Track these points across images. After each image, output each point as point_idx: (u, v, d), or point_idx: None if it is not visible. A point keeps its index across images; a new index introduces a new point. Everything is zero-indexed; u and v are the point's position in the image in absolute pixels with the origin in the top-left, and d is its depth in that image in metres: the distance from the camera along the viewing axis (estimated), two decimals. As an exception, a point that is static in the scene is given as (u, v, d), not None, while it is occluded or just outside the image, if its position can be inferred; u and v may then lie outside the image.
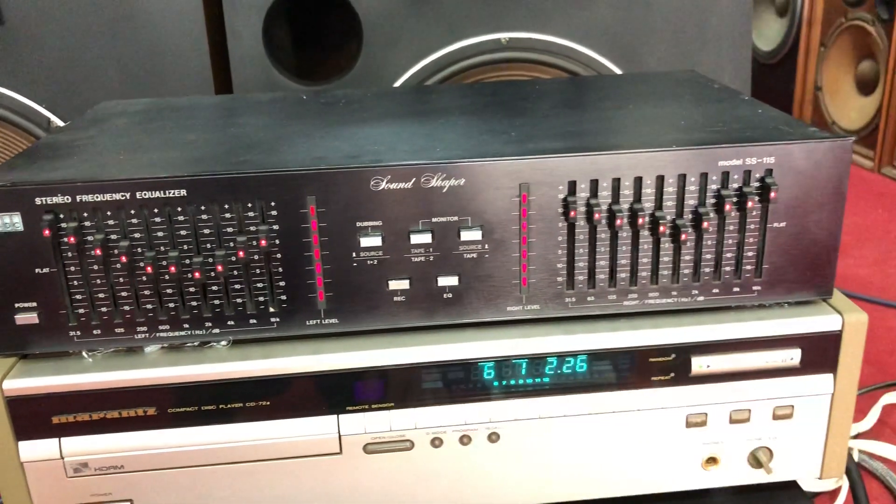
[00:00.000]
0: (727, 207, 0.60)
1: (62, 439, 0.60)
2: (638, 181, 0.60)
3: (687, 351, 0.62)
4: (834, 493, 1.01)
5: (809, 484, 1.00)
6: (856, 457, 1.06)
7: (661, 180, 0.60)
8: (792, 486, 0.70)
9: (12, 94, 1.03)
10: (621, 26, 1.11)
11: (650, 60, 1.14)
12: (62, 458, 0.61)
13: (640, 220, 0.60)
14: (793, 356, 0.63)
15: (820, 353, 0.64)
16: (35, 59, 1.02)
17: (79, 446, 0.61)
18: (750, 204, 0.60)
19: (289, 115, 0.75)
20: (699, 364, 0.63)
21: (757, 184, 0.61)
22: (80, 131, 0.72)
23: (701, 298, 0.64)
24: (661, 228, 0.60)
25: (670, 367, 0.63)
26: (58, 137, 0.70)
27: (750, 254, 0.63)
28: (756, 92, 2.65)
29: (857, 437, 1.11)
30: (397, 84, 1.09)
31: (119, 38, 1.04)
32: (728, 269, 0.63)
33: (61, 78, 1.03)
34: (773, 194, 0.60)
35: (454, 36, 1.10)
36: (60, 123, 1.03)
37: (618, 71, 1.11)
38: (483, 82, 1.06)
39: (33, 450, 0.60)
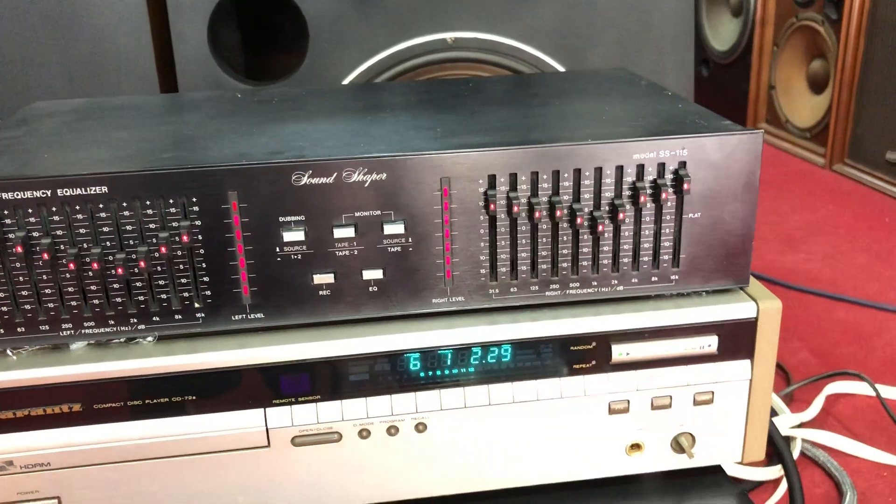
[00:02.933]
0: (642, 199, 0.62)
1: (-14, 437, 0.60)
2: (556, 174, 0.62)
3: (607, 339, 0.64)
4: (777, 481, 1.04)
5: (753, 474, 1.03)
6: (799, 445, 1.09)
7: (577, 173, 0.62)
8: (716, 470, 0.72)
9: (-47, 95, 1.02)
10: (566, 26, 1.13)
11: (595, 60, 1.16)
12: (-13, 456, 0.61)
13: (559, 213, 0.62)
14: (710, 343, 0.65)
15: (736, 340, 0.66)
16: (-25, 60, 1.01)
17: (3, 444, 0.61)
18: (664, 196, 0.62)
19: (220, 113, 0.76)
20: (619, 352, 0.64)
21: (671, 176, 0.63)
22: (6, 131, 0.72)
23: (620, 288, 0.65)
24: (579, 220, 0.62)
25: (591, 355, 0.65)
26: (-15, 137, 0.70)
27: (667, 244, 0.65)
28: (712, 91, 2.69)
29: (800, 426, 1.14)
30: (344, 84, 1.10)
31: (61, 39, 1.03)
32: (646, 259, 0.65)
33: (4, 78, 1.03)
34: (686, 186, 0.62)
35: (400, 36, 1.11)
36: (2, 125, 1.02)
37: (563, 70, 1.13)
38: (418, 80, 1.07)
39: (-43, 448, 0.60)
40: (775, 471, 1.04)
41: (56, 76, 1.04)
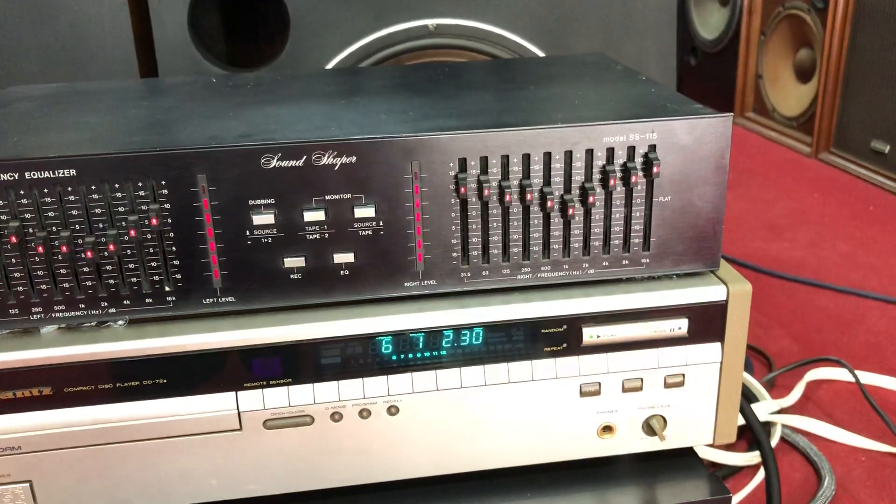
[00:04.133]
0: (612, 183, 0.62)
1: (-44, 421, 0.60)
2: (526, 158, 0.62)
3: (577, 322, 0.64)
4: (757, 467, 1.05)
5: (732, 459, 1.04)
6: (779, 431, 1.10)
7: (548, 157, 0.62)
8: (688, 452, 0.73)
9: (-71, 80, 1.01)
10: (548, 12, 1.13)
11: (577, 47, 1.16)
12: (-43, 440, 0.61)
13: (529, 196, 0.62)
14: (680, 326, 0.65)
15: (707, 323, 0.66)
16: (-48, 45, 1.01)
17: (-26, 428, 0.61)
18: (634, 179, 0.62)
19: (193, 98, 0.76)
20: (590, 334, 0.65)
21: (641, 159, 0.63)
22: (-21, 115, 0.72)
23: (592, 271, 0.66)
24: (549, 204, 0.62)
25: (562, 337, 0.65)
26: (-44, 121, 0.69)
27: (637, 227, 0.65)
28: (700, 80, 2.69)
29: (781, 412, 1.15)
30: (323, 70, 1.09)
31: (40, 24, 1.03)
32: (617, 242, 0.65)
33: (-20, 65, 1.02)
34: (655, 169, 0.62)
35: (382, 22, 1.11)
36: (-20, 112, 1.01)
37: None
38: (395, 66, 1.07)
39: (-73, 432, 0.60)
40: (754, 456, 1.05)
41: (34, 61, 1.03)
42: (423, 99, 0.72)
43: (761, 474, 1.02)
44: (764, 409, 1.13)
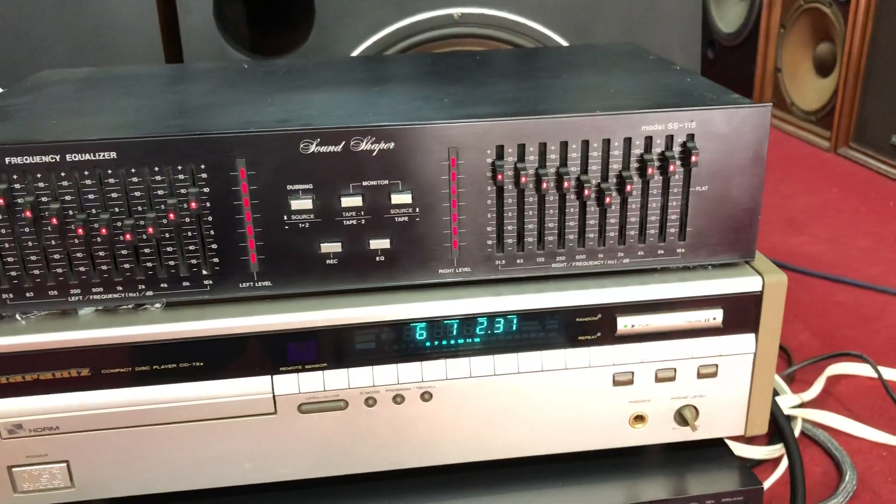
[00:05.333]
0: (650, 171, 0.62)
1: (-4, 401, 0.61)
2: (564, 146, 0.62)
3: (612, 311, 0.64)
4: (778, 460, 1.04)
5: (752, 452, 1.04)
6: (800, 425, 1.10)
7: (585, 145, 0.62)
8: (718, 443, 0.73)
9: (-42, 66, 1.02)
10: (572, 2, 1.13)
11: (601, 37, 1.15)
12: (-4, 419, 0.61)
13: (566, 184, 0.62)
14: (715, 316, 0.65)
15: (741, 314, 0.66)
16: (-19, 30, 1.01)
17: (13, 407, 0.61)
18: (672, 168, 0.62)
19: (227, 84, 0.76)
20: (624, 323, 0.65)
21: (679, 148, 0.63)
22: (15, 98, 0.72)
23: (627, 261, 0.65)
24: (586, 192, 0.62)
25: (596, 326, 0.65)
26: (-8, 104, 0.70)
27: (673, 217, 0.65)
28: (717, 73, 2.69)
29: (801, 406, 1.15)
30: (348, 58, 1.09)
31: (67, 10, 1.03)
32: (652, 231, 0.65)
33: (8, 51, 1.02)
34: (694, 158, 0.62)
35: (406, 11, 1.10)
36: (8, 96, 1.02)
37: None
38: (425, 53, 1.07)
39: (-34, 411, 0.61)
40: (775, 450, 1.05)
41: (61, 47, 1.03)
42: (457, 86, 0.72)
43: (781, 468, 1.02)
44: (784, 403, 1.13)
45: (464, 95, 0.69)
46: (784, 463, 1.02)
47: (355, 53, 1.10)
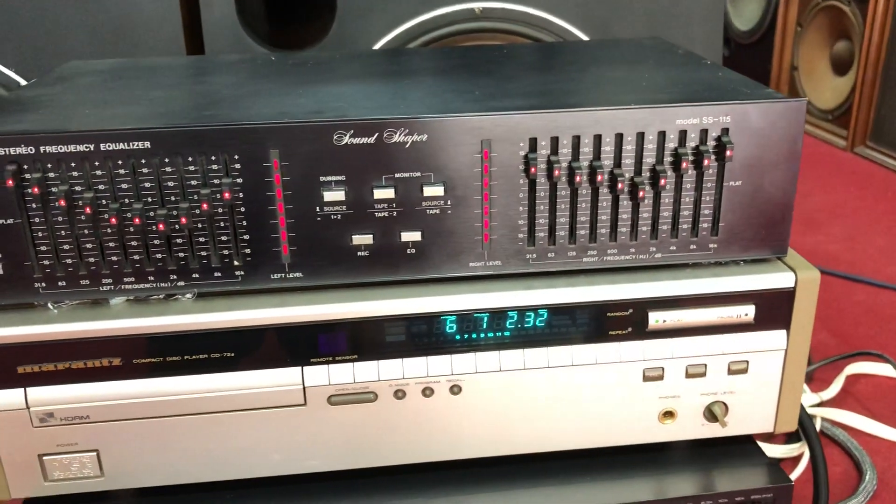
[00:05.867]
0: (684, 165, 0.62)
1: (28, 389, 0.61)
2: (597, 139, 0.61)
3: (644, 306, 0.64)
4: (797, 459, 1.04)
5: (771, 451, 1.03)
6: (818, 424, 1.09)
7: (619, 138, 0.62)
8: (746, 440, 0.72)
9: (-19, 57, 1.02)
10: (595, -3, 1.12)
11: (622, 32, 1.15)
12: (28, 407, 0.61)
13: (600, 178, 0.61)
14: (747, 312, 0.65)
15: (773, 310, 0.65)
16: (4, 21, 1.01)
17: (44, 396, 0.61)
18: (706, 162, 0.62)
19: (256, 75, 0.76)
20: (655, 319, 0.64)
21: (713, 143, 0.62)
22: (45, 88, 0.72)
23: (658, 255, 0.65)
24: (620, 186, 0.62)
25: (628, 321, 0.64)
26: (22, 93, 0.70)
27: (706, 212, 0.64)
28: (733, 71, 2.64)
29: (820, 405, 1.14)
30: (370, 51, 1.09)
31: (90, 2, 1.03)
32: (685, 226, 0.64)
33: (31, 41, 1.02)
34: (728, 153, 0.62)
35: (428, 5, 1.10)
36: (30, 87, 1.02)
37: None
38: (452, 46, 1.07)
39: (-1, 399, 0.61)
40: (794, 448, 1.04)
41: (84, 39, 1.03)
42: (487, 79, 0.72)
43: (800, 467, 1.02)
44: (804, 401, 1.12)
45: (494, 88, 0.69)
46: (802, 462, 1.02)
47: (377, 47, 1.10)
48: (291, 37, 1.26)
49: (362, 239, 0.62)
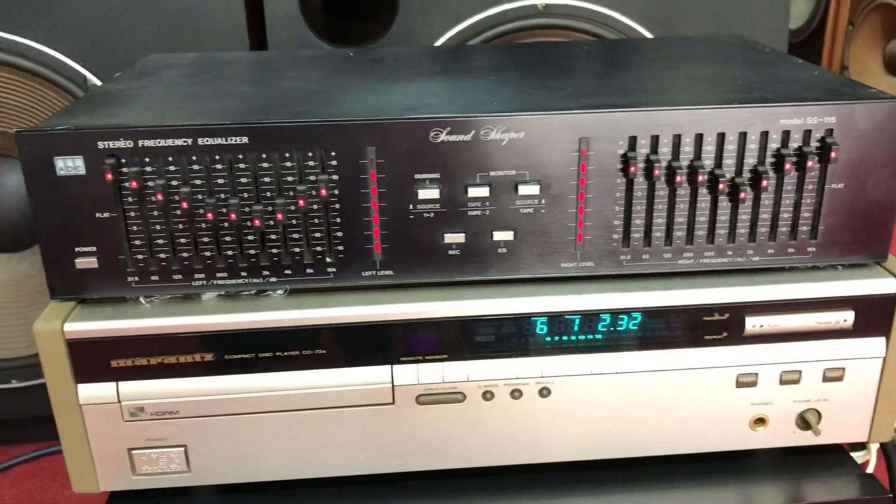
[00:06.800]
0: (787, 167, 0.60)
1: (120, 383, 0.61)
2: (699, 138, 0.60)
3: (741, 310, 0.63)
4: (862, 466, 1.01)
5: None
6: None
7: (721, 138, 0.60)
8: (836, 449, 0.70)
9: (49, 50, 1.02)
10: (658, -6, 1.10)
11: (687, 30, 1.13)
12: (119, 401, 0.61)
13: (700, 178, 0.60)
14: (846, 318, 0.63)
15: (873, 316, 0.64)
16: (71, 15, 1.01)
17: (136, 390, 0.61)
18: (810, 164, 0.60)
19: (338, 71, 0.75)
20: (752, 323, 0.63)
21: (817, 144, 0.60)
22: (131, 81, 0.72)
23: (756, 259, 0.63)
24: (721, 186, 0.60)
25: (723, 326, 0.63)
26: (110, 87, 0.70)
27: (806, 214, 0.62)
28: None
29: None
30: (435, 48, 1.08)
31: (153, -4, 1.03)
32: (784, 229, 0.63)
33: (96, 35, 1.03)
34: (833, 154, 0.60)
35: (491, 1, 1.09)
36: (96, 81, 1.02)
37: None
38: (528, 43, 1.06)
39: (91, 393, 0.61)
40: (858, 456, 1.02)
41: (148, 32, 1.03)
42: (575, 76, 0.71)
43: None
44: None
45: (587, 85, 0.67)
46: (867, 471, 0.99)
47: (438, 44, 1.09)
48: (349, 32, 1.26)
49: (454, 237, 0.62)
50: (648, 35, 1.11)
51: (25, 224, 1.11)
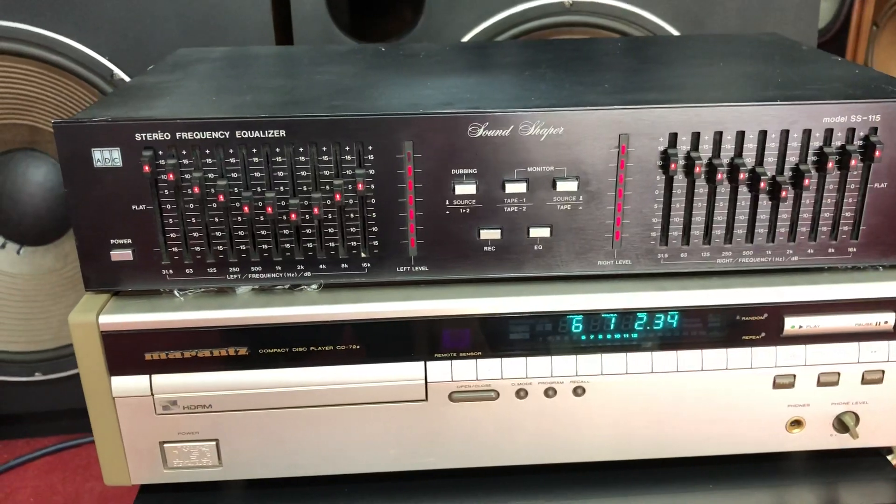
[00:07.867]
0: (829, 165, 0.59)
1: (153, 376, 0.61)
2: (740, 135, 0.59)
3: (780, 310, 0.62)
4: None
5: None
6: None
7: (763, 135, 0.59)
8: (872, 453, 0.69)
9: (76, 44, 1.02)
10: (686, -8, 1.09)
11: (715, 27, 1.12)
12: (152, 394, 0.61)
13: (741, 176, 0.59)
14: (886, 319, 0.62)
15: (914, 318, 0.63)
16: (98, 10, 1.02)
17: (169, 383, 0.61)
18: (853, 162, 0.59)
19: (371, 66, 0.75)
20: (792, 324, 0.62)
21: (860, 142, 0.59)
22: (165, 74, 0.72)
23: (795, 258, 0.63)
24: (762, 184, 0.59)
25: (762, 326, 0.62)
26: (145, 80, 0.70)
27: (848, 214, 0.62)
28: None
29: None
30: (461, 44, 1.07)
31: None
32: (825, 229, 0.62)
33: (123, 29, 1.03)
34: (877, 153, 0.59)
35: (516, -3, 1.08)
36: (123, 75, 1.02)
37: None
38: (562, 39, 1.05)
39: (125, 385, 0.61)
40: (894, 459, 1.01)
41: (174, 27, 1.04)
42: (612, 72, 0.70)
43: None
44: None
45: (623, 81, 0.67)
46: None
47: (465, 39, 1.09)
48: (373, 30, 1.26)
49: (490, 234, 0.61)
50: (676, 33, 1.10)
51: (50, 218, 1.11)
